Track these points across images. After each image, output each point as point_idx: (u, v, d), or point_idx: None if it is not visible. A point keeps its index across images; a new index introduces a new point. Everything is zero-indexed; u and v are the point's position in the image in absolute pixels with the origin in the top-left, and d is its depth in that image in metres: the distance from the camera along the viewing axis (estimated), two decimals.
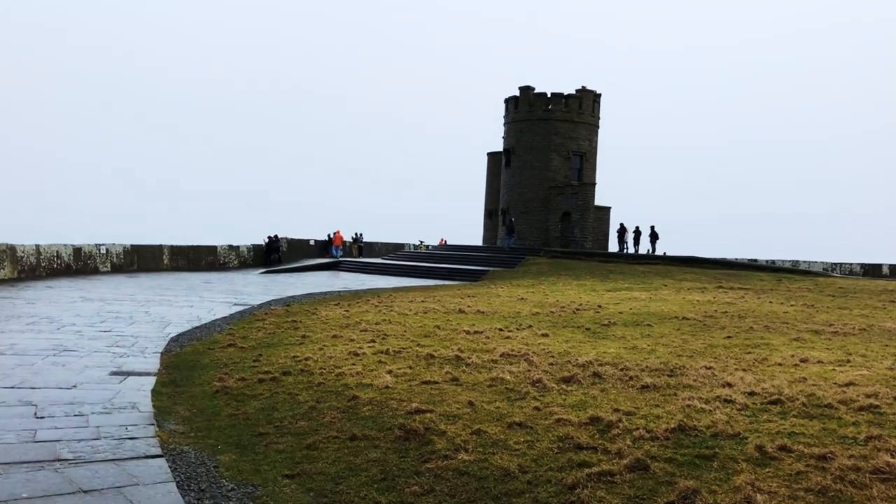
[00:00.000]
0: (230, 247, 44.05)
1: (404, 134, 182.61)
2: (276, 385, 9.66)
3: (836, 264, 58.98)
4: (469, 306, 20.77)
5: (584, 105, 51.21)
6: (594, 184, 49.73)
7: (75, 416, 8.05)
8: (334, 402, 8.54)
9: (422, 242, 67.71)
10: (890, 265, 58.42)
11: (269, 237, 47.33)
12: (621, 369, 10.21)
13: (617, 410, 7.61)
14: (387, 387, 9.05)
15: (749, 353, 12.28)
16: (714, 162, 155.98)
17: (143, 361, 12.09)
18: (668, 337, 14.55)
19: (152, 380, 10.47)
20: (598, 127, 52.62)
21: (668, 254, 48.68)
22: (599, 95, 52.57)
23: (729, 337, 14.52)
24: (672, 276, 36.62)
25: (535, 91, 51.17)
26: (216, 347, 13.78)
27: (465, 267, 43.00)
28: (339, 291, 28.94)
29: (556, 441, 6.74)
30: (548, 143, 50.52)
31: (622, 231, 50.89)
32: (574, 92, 51.19)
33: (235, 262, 44.12)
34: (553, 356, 11.45)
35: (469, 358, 11.06)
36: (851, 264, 59.05)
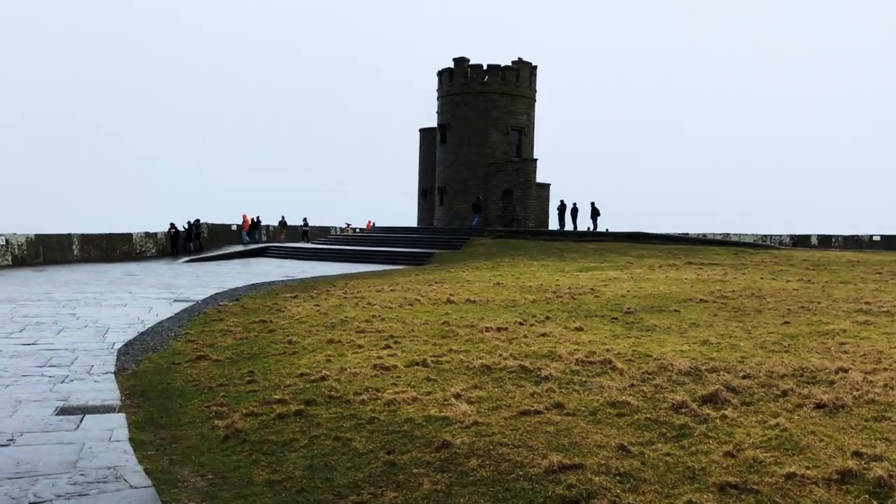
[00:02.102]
0: (147, 234, 39.99)
1: (320, 111, 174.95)
2: (306, 422, 6.96)
3: (766, 236, 59.33)
4: (452, 295, 18.30)
5: (521, 78, 49.12)
6: (535, 160, 47.81)
7: None
8: (415, 451, 5.96)
9: (349, 225, 64.53)
10: (818, 235, 59.11)
11: (189, 222, 43.40)
12: (744, 377, 8.00)
13: (858, 455, 5.34)
14: (475, 422, 6.52)
15: (845, 343, 10.30)
16: (626, 141, 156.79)
17: (94, 387, 9.12)
18: (715, 326, 12.50)
19: (121, 419, 7.61)
20: (535, 101, 50.70)
21: (608, 230, 47.29)
22: (535, 68, 50.61)
23: (787, 322, 12.57)
24: (627, 252, 35.11)
25: (471, 63, 48.71)
26: (182, 361, 10.86)
27: (408, 250, 40.38)
28: (285, 281, 25.94)
29: None
30: (485, 117, 48.21)
31: (562, 208, 49.08)
32: (511, 64, 49.02)
33: (153, 251, 40.10)
34: (633, 360, 9.15)
35: (538, 368, 8.62)
36: (781, 236, 59.52)
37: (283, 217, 56.31)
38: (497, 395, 7.45)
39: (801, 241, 58.55)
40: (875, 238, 57.76)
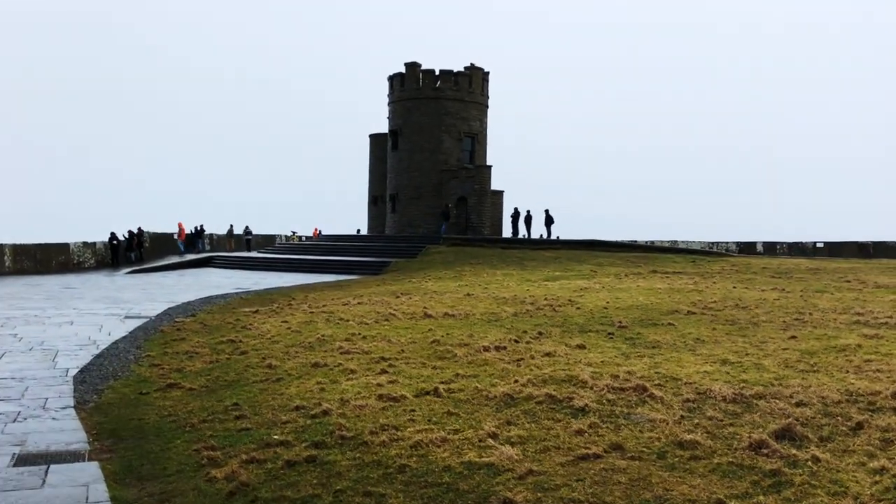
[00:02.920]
0: (85, 244, 37.86)
1: (263, 115, 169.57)
2: (324, 473, 5.92)
3: (713, 243, 59.94)
4: (426, 308, 17.34)
5: (473, 83, 48.45)
6: (490, 166, 47.18)
7: None
8: None
9: (294, 233, 62.79)
10: (763, 242, 60.04)
11: (131, 231, 41.34)
12: (797, 404, 7.26)
13: None
14: (530, 471, 5.57)
15: (870, 360, 9.72)
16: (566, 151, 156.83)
17: (54, 427, 7.88)
18: (722, 342, 11.85)
19: (94, 469, 6.44)
20: (487, 107, 50.09)
21: (560, 237, 46.87)
22: (488, 74, 50.02)
23: (794, 337, 12.00)
24: (585, 260, 34.71)
25: (423, 68, 47.83)
26: (151, 390, 9.65)
27: (362, 259, 39.22)
28: (239, 293, 24.58)
29: None
30: (438, 123, 47.35)
31: (516, 215, 48.51)
32: (463, 69, 48.32)
33: (92, 262, 37.99)
34: (663, 385, 8.35)
35: (567, 398, 7.72)
36: (727, 243, 60.24)
37: (231, 226, 54.51)
38: (538, 434, 6.52)
39: (746, 248, 59.31)
40: (819, 245, 58.96)
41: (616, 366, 9.63)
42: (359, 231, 60.22)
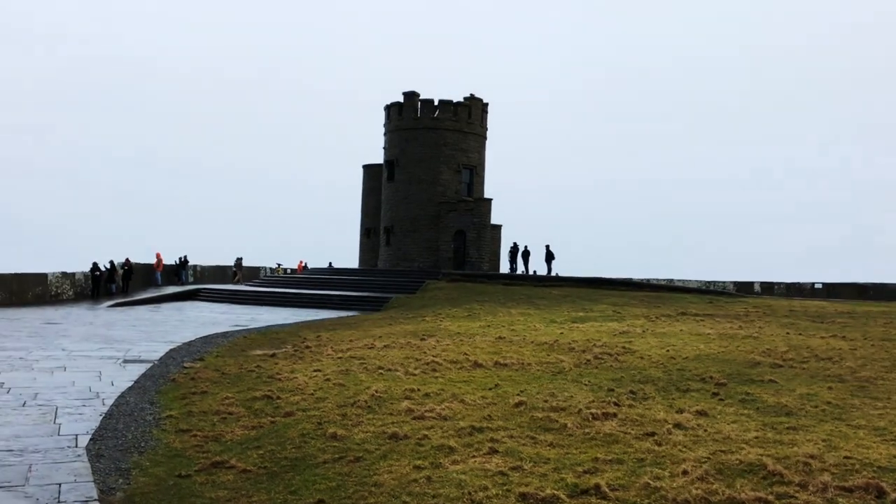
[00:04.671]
0: (63, 274, 35.28)
1: (242, 145, 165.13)
2: None
3: (710, 282, 58.57)
4: (466, 354, 15.41)
5: (473, 114, 46.91)
6: (490, 199, 45.45)
7: None
8: None
9: (279, 266, 60.38)
10: (761, 282, 58.83)
11: (112, 262, 38.82)
12: None
13: None
14: None
15: None
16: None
17: None
18: (861, 408, 9.99)
19: None
20: (486, 138, 48.54)
21: (559, 274, 45.10)
22: (487, 105, 48.56)
23: None
24: (599, 300, 32.85)
25: (422, 97, 46.20)
26: (192, 471, 7.53)
27: (358, 293, 37.09)
28: (240, 331, 22.41)
29: None
30: (436, 154, 45.63)
31: (514, 250, 46.69)
32: (462, 100, 46.78)
33: (71, 293, 35.39)
34: (880, 477, 6.43)
35: (748, 498, 5.78)
36: (724, 282, 58.92)
37: (239, 258, 52.73)
38: None
39: (743, 288, 58.00)
40: (817, 286, 57.90)
41: (779, 445, 7.71)
42: (330, 264, 58.14)
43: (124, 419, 9.90)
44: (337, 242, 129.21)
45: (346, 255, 75.19)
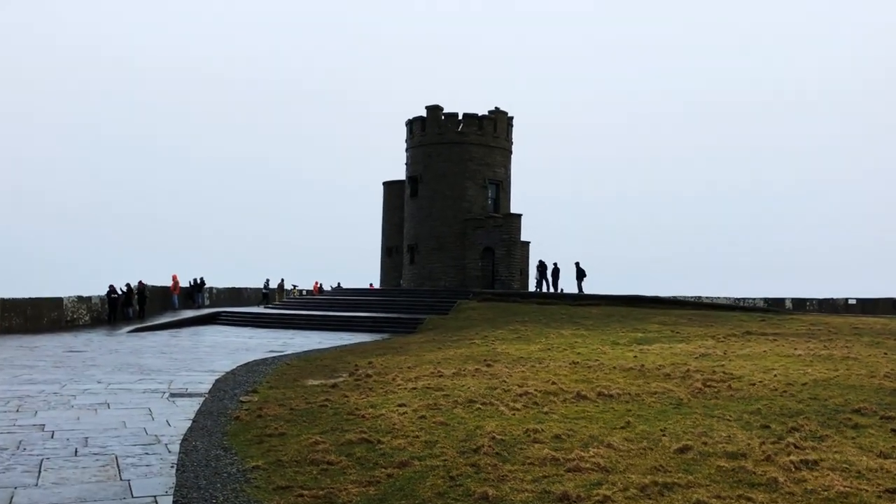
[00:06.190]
0: (80, 298, 33.58)
1: (266, 165, 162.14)
2: None
3: (739, 299, 56.78)
4: (556, 383, 13.72)
5: (498, 128, 45.44)
6: (520, 215, 43.76)
7: None
8: None
9: (295, 287, 58.69)
10: (792, 299, 57.03)
11: (129, 285, 37.13)
12: None
13: None
14: None
15: None
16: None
17: None
18: None
19: None
20: (511, 153, 47.01)
21: (586, 292, 43.29)
22: (512, 118, 47.08)
23: None
24: (645, 319, 31.11)
25: (445, 111, 44.71)
26: None
27: (390, 315, 35.36)
28: (279, 358, 20.76)
29: None
30: (462, 169, 44.08)
31: (542, 268, 44.93)
32: (487, 113, 45.30)
33: (87, 318, 33.67)
34: None
35: None
36: (754, 299, 57.10)
37: (282, 280, 52.41)
38: None
39: (774, 305, 56.23)
40: (851, 301, 56.10)
41: None
42: (338, 284, 56.65)
43: (203, 472, 8.18)
44: (347, 261, 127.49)
45: (357, 275, 73.49)
